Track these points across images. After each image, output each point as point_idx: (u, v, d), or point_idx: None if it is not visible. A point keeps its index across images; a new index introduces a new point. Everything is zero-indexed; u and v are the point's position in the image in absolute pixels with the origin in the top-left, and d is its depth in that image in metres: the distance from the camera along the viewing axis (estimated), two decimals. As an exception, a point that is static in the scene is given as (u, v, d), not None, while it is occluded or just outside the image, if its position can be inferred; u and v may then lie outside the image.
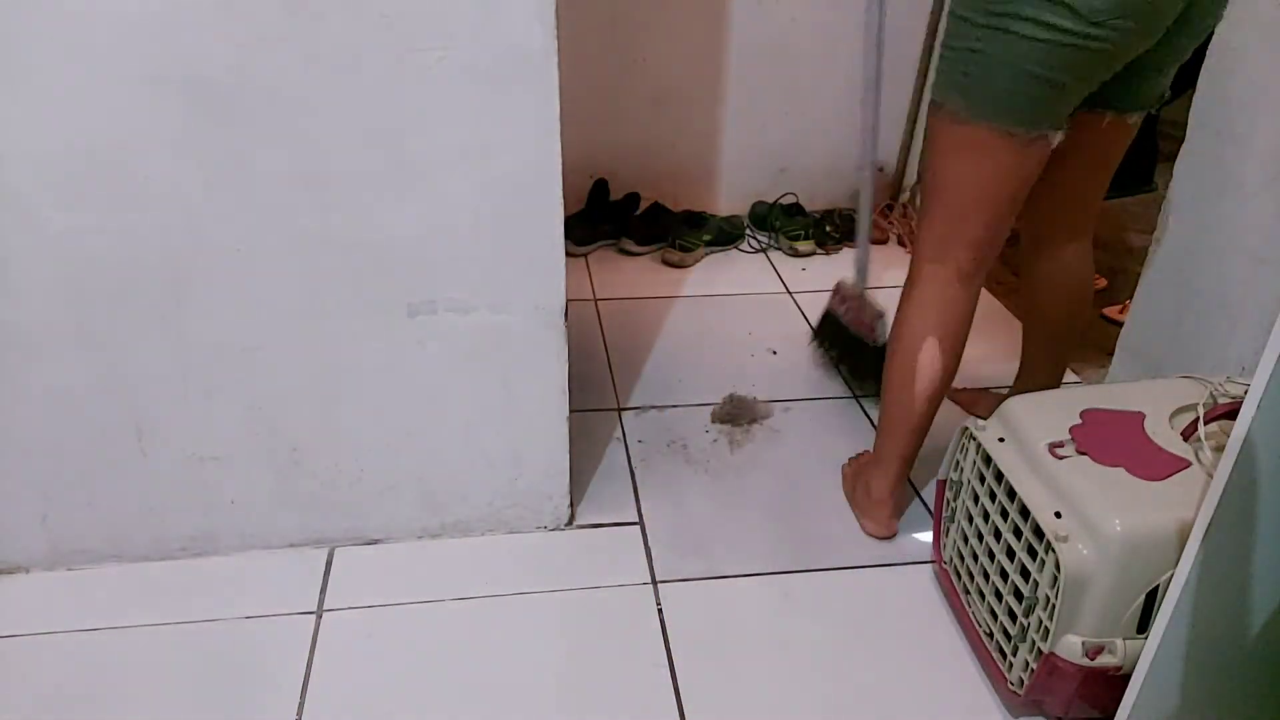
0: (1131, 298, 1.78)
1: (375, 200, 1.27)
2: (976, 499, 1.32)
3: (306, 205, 1.26)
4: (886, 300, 2.31)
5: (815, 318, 2.08)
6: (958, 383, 1.96)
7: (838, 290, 2.01)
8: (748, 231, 2.60)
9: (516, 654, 1.35)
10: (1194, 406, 1.23)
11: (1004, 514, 1.24)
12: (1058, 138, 1.26)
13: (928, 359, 1.40)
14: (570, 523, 1.58)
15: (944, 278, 1.37)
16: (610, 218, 2.52)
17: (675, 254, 2.45)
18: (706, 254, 2.50)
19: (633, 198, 2.58)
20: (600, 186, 2.54)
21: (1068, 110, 1.25)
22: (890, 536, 1.56)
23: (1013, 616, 1.22)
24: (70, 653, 1.33)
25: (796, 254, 2.52)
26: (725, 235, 2.54)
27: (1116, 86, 1.26)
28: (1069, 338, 1.67)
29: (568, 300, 1.38)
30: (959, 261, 1.36)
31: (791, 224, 2.54)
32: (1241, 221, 1.51)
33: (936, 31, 2.51)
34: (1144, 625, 1.12)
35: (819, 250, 2.56)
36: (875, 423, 1.85)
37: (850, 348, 1.97)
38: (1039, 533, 1.16)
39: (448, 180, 1.27)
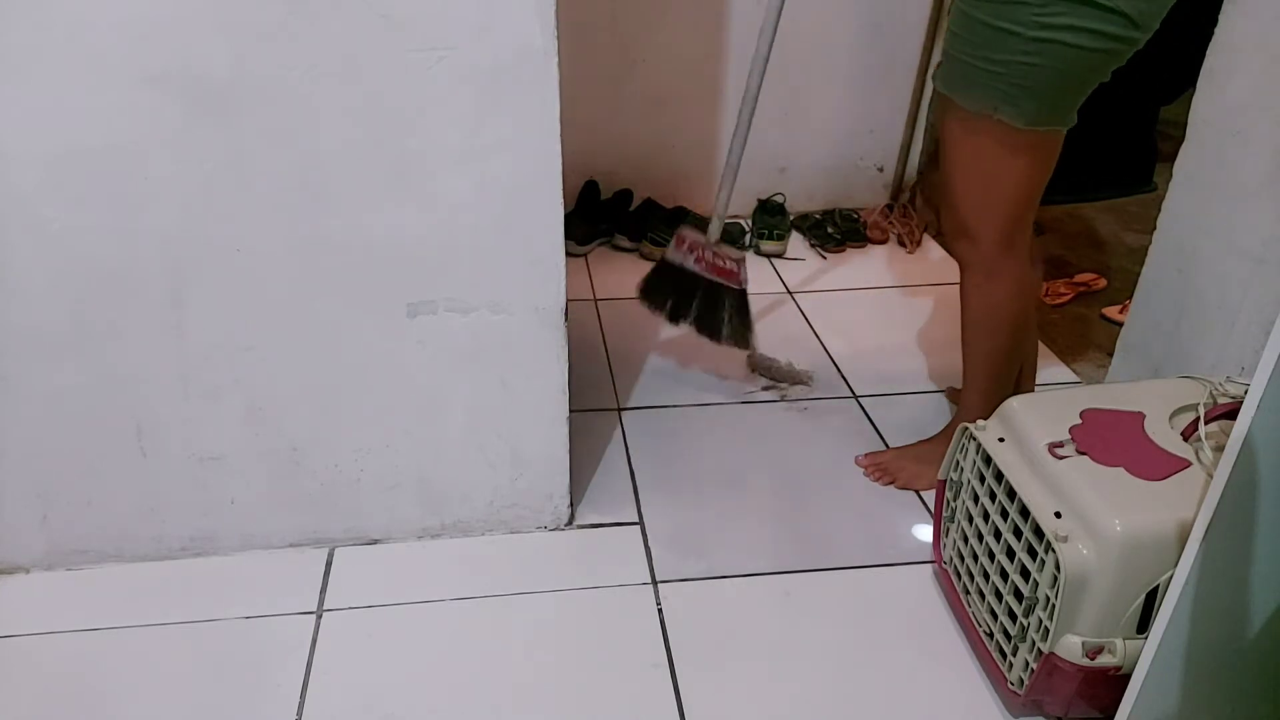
0: (1131, 298, 1.78)
1: (375, 200, 1.27)
2: (976, 499, 1.32)
3: (306, 205, 1.26)
4: (906, 303, 2.32)
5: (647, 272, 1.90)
6: (958, 382, 1.96)
7: (682, 240, 1.85)
8: (748, 235, 2.59)
9: (516, 654, 1.35)
10: (1194, 406, 1.23)
11: (1004, 514, 1.24)
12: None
13: (1028, 332, 1.59)
14: (570, 523, 1.58)
15: (1018, 266, 1.48)
16: (606, 216, 2.53)
17: (648, 248, 2.45)
18: None
19: (625, 195, 2.58)
20: (590, 187, 2.54)
21: None
22: None
23: (1013, 616, 1.22)
24: (70, 653, 1.33)
25: (760, 252, 2.51)
26: None
27: None
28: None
29: (568, 300, 1.38)
30: (1023, 248, 1.46)
31: (767, 222, 2.53)
32: (1241, 221, 1.51)
33: (936, 33, 2.51)
34: (1144, 625, 1.12)
35: (799, 253, 2.54)
36: (875, 422, 1.86)
37: (706, 296, 1.84)
38: (1039, 533, 1.16)
39: (448, 180, 1.27)
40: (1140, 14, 1.21)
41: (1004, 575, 1.24)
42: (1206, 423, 1.18)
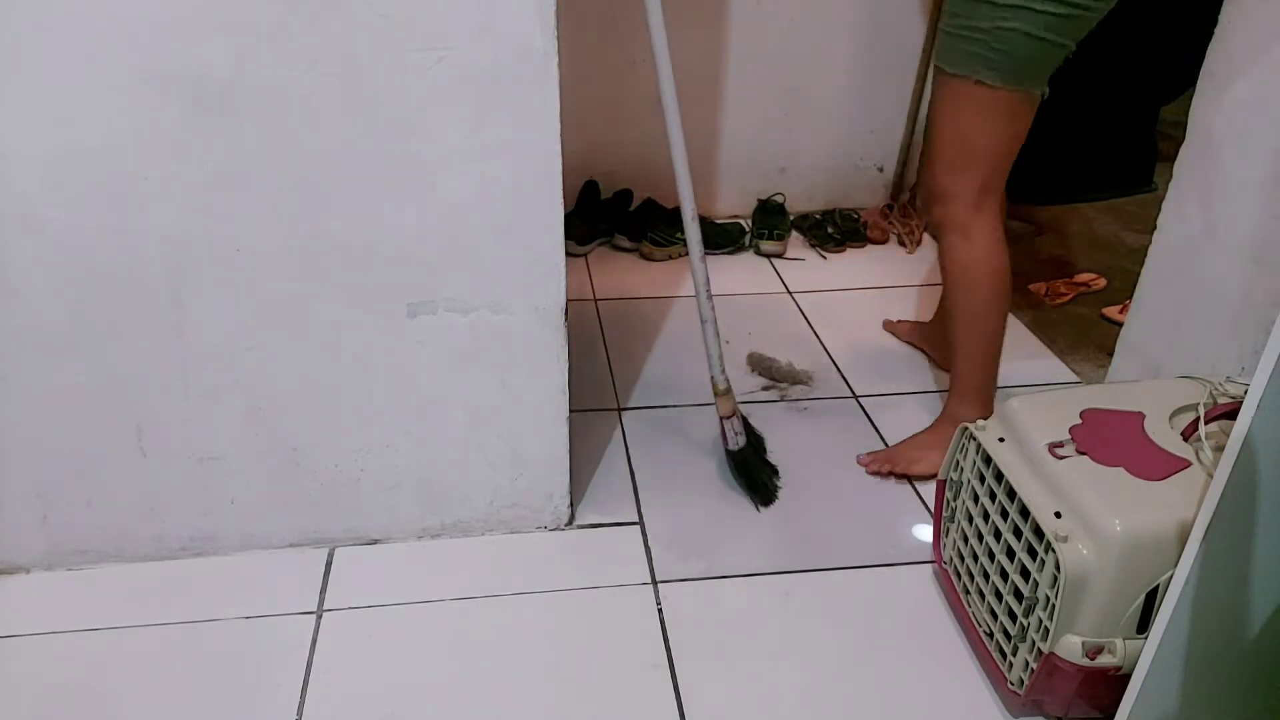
0: (1131, 298, 1.78)
1: (375, 200, 1.27)
2: (976, 499, 1.32)
3: (306, 205, 1.26)
4: (906, 303, 2.32)
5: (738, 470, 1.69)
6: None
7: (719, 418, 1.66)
8: (748, 235, 2.59)
9: (517, 654, 1.35)
10: (1194, 406, 1.23)
11: (1004, 514, 1.24)
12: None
13: (1006, 292, 1.64)
14: (570, 523, 1.58)
15: (992, 223, 1.58)
16: (607, 216, 2.53)
17: (648, 248, 2.46)
18: (686, 253, 2.49)
19: (625, 195, 2.58)
20: (590, 188, 2.54)
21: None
22: None
23: (1013, 616, 1.22)
24: (70, 653, 1.33)
25: (760, 252, 2.51)
26: (710, 239, 2.50)
27: None
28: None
29: (568, 300, 1.38)
30: (996, 205, 1.58)
31: (768, 222, 2.53)
32: (1241, 221, 1.51)
33: (935, 33, 2.51)
34: (1144, 625, 1.12)
35: (799, 253, 2.55)
36: (875, 422, 1.86)
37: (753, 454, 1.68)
38: (1039, 533, 1.16)
39: (448, 180, 1.27)
40: None
41: (1004, 575, 1.24)
42: (1206, 423, 1.18)
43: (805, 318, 2.23)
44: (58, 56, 1.13)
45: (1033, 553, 1.18)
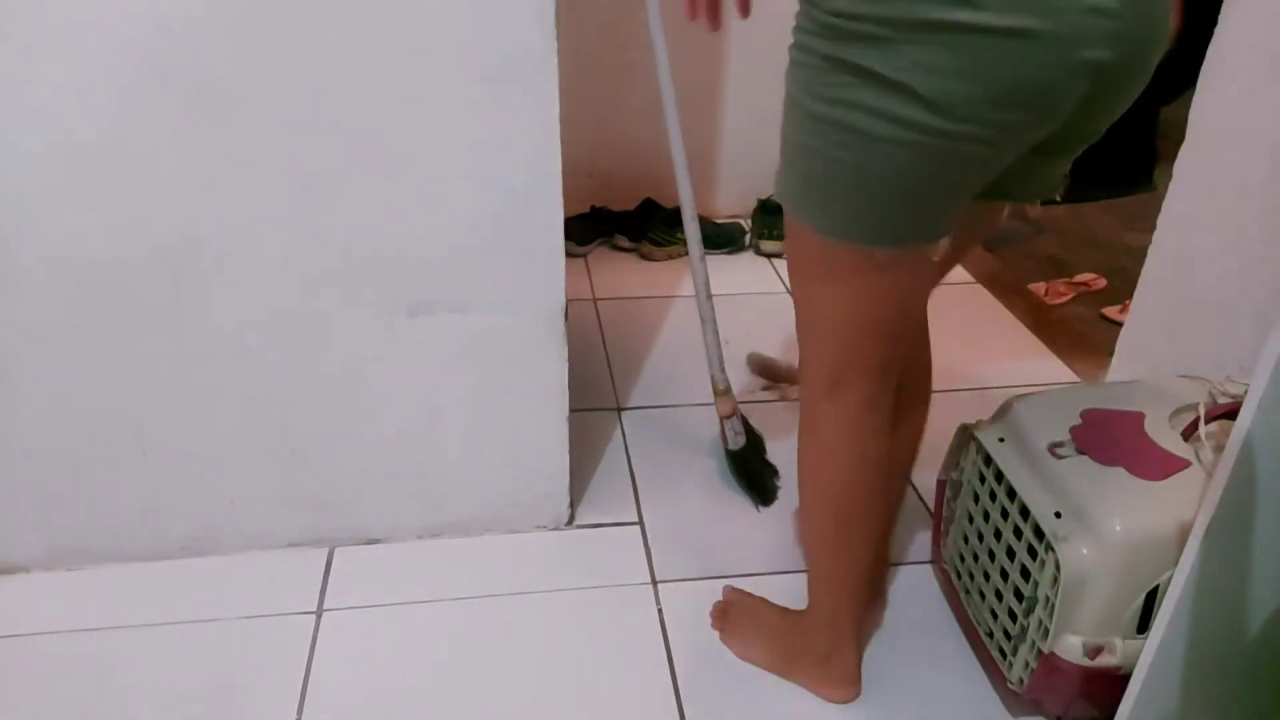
0: (1131, 298, 1.78)
1: (375, 200, 1.27)
2: (976, 499, 1.32)
3: (306, 205, 1.26)
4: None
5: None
6: (955, 384, 1.96)
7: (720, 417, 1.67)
8: (748, 235, 2.59)
9: (516, 654, 1.35)
10: (1194, 406, 1.23)
11: (1004, 514, 1.24)
12: (942, 247, 1.00)
13: (864, 521, 1.19)
14: (570, 523, 1.58)
15: (846, 420, 1.13)
16: (606, 216, 2.53)
17: (648, 248, 2.47)
18: (685, 253, 2.50)
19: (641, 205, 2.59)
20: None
21: (950, 217, 0.98)
22: (856, 695, 1.30)
23: (1013, 616, 1.22)
24: (70, 653, 1.33)
25: (760, 252, 2.52)
26: (710, 239, 2.51)
27: (1012, 176, 1.00)
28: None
29: (568, 300, 1.38)
30: (855, 398, 1.11)
31: (768, 222, 2.54)
32: (1241, 221, 1.51)
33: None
34: (1144, 625, 1.12)
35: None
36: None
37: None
38: (1039, 533, 1.16)
39: (448, 180, 1.27)
40: (945, 98, 0.85)
41: (1004, 575, 1.24)
42: (1206, 423, 1.18)
43: (805, 318, 2.23)
44: (58, 55, 1.13)
45: (1033, 553, 1.18)
